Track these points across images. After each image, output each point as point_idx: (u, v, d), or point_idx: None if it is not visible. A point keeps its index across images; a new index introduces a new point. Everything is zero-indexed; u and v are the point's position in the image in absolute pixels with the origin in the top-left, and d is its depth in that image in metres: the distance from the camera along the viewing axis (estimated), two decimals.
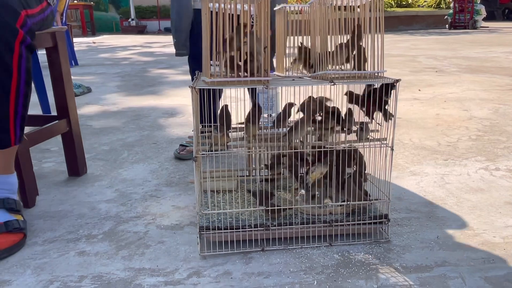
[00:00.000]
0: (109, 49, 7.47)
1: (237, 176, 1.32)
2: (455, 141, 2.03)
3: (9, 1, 1.07)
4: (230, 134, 1.23)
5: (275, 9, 1.37)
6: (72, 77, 1.48)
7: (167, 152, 1.96)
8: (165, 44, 8.25)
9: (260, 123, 1.16)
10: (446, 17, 10.70)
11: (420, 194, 1.47)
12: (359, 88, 1.20)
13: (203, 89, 1.07)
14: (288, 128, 1.16)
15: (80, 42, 8.93)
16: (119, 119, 2.60)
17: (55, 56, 1.49)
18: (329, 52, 1.11)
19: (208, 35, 1.07)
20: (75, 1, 10.92)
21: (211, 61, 1.08)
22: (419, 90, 3.27)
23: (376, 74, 1.11)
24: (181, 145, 1.93)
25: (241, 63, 1.06)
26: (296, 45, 1.26)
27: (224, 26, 1.03)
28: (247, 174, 1.41)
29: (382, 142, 1.17)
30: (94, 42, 8.97)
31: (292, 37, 1.30)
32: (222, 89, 1.75)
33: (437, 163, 1.76)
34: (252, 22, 1.12)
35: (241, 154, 1.19)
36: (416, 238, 1.19)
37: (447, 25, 10.57)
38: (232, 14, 1.05)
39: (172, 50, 6.99)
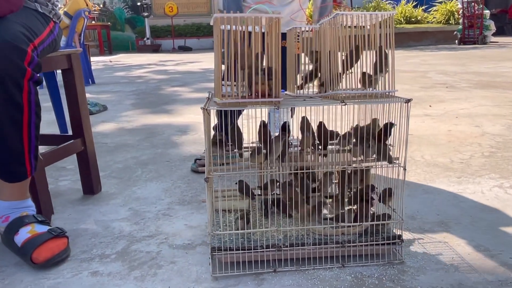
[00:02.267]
0: (125, 67, 7.56)
1: (249, 195, 1.30)
2: (468, 158, 1.99)
3: (17, 41, 1.11)
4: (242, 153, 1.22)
5: (287, 29, 1.37)
6: (88, 95, 1.50)
7: (180, 170, 1.95)
8: (179, 62, 8.34)
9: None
10: (455, 32, 10.65)
11: (433, 213, 1.43)
12: (370, 108, 1.18)
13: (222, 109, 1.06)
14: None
15: (97, 61, 9.07)
16: (134, 137, 2.61)
17: (71, 77, 1.50)
18: (339, 72, 1.10)
19: (219, 56, 1.07)
20: (93, 22, 11.15)
21: (222, 81, 1.07)
22: (430, 106, 3.23)
23: (387, 93, 1.10)
24: (196, 159, 1.94)
25: (253, 85, 1.05)
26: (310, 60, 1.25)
27: (235, 47, 1.03)
28: (259, 194, 1.39)
29: (394, 161, 1.14)
30: (110, 61, 9.11)
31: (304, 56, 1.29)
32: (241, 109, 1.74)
33: (450, 180, 1.72)
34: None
35: (253, 174, 1.17)
36: (430, 259, 1.15)
37: (456, 41, 10.51)
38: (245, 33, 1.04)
39: (185, 68, 7.05)
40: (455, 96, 3.62)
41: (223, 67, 1.06)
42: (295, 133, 1.34)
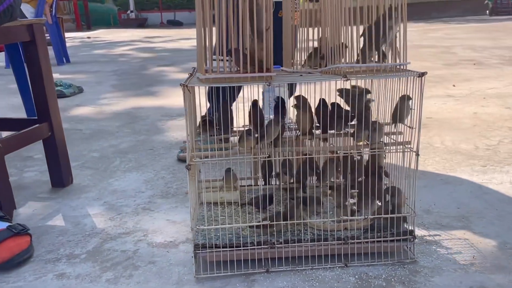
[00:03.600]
0: (106, 44, 7.55)
1: (238, 186, 1.30)
2: (496, 144, 1.98)
3: None
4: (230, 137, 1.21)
5: None
6: (62, 76, 1.48)
7: (164, 159, 1.95)
8: (167, 38, 8.30)
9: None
10: (486, 2, 10.55)
11: (453, 206, 1.42)
12: (377, 83, 1.16)
13: (213, 87, 1.05)
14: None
15: (73, 37, 9.05)
16: (113, 123, 2.61)
17: (33, 51, 1.48)
18: (343, 43, 1.08)
19: (202, 23, 1.05)
20: None
21: (214, 56, 1.06)
22: (454, 85, 3.21)
23: (397, 67, 1.08)
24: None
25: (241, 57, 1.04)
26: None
27: (221, 13, 1.01)
28: (249, 184, 1.38)
29: (406, 146, 1.13)
30: (88, 37, 9.08)
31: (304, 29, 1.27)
32: (239, 87, 1.72)
33: (474, 169, 1.71)
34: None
35: (244, 161, 1.16)
36: (447, 258, 1.14)
37: (487, 11, 10.42)
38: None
39: (174, 45, 7.03)
40: (483, 74, 3.60)
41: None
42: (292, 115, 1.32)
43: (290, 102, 1.49)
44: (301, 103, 1.13)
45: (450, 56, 4.62)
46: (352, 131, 1.14)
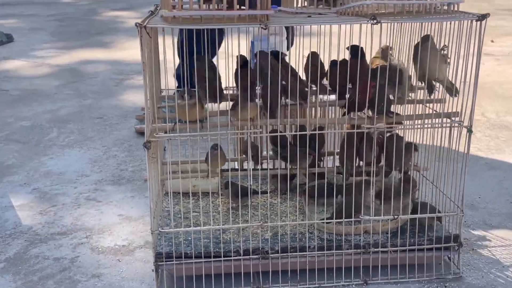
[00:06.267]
0: None
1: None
2: None
3: None
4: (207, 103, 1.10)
5: None
6: None
7: (118, 132, 1.89)
8: None
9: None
10: None
11: (503, 200, 1.38)
12: (419, 28, 1.04)
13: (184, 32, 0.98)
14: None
15: None
16: (51, 81, 2.54)
17: None
18: None
19: None
20: None
21: None
22: (492, 41, 3.19)
23: (445, 6, 0.97)
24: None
25: None
26: None
27: None
28: (236, 168, 1.30)
29: (453, 119, 1.04)
30: None
31: None
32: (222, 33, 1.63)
33: None
34: None
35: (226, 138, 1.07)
36: (502, 271, 1.08)
37: None
38: None
39: None
40: None
41: None
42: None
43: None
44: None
45: (484, 4, 4.62)
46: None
